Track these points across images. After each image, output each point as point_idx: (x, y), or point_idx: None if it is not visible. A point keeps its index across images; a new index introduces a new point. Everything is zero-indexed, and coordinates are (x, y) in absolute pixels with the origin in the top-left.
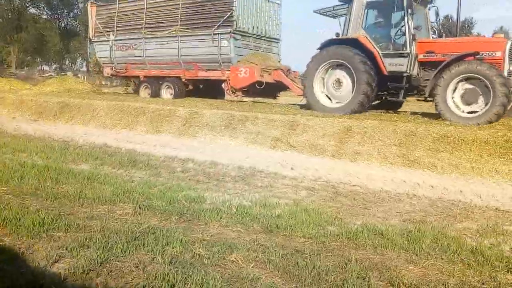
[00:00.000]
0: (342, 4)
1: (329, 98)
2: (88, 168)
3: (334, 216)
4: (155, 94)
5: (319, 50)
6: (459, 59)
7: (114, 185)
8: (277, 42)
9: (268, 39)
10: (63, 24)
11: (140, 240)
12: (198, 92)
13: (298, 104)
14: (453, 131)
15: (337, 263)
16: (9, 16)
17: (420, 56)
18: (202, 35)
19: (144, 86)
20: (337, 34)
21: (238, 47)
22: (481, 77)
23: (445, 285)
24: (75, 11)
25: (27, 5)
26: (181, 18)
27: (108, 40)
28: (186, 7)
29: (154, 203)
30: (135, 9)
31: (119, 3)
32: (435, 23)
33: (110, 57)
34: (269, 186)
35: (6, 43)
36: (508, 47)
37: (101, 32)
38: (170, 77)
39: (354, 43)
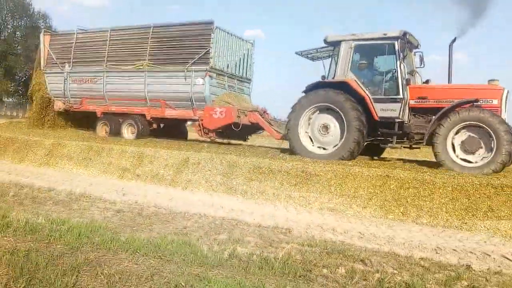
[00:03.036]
0: (327, 47)
1: (312, 142)
2: None
3: (110, 230)
4: (115, 132)
5: (304, 93)
6: (458, 106)
7: None
8: (249, 82)
9: (241, 79)
10: None
11: None
12: (157, 132)
13: (278, 148)
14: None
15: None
16: None
17: (412, 102)
18: (174, 72)
19: (102, 123)
20: (323, 77)
21: (213, 86)
22: (483, 125)
23: None
24: None
25: None
26: (149, 52)
27: (62, 72)
28: (156, 41)
29: None
30: (97, 40)
31: (77, 33)
32: (420, 68)
33: (64, 90)
34: (83, 208)
35: None
36: (504, 95)
37: (55, 63)
38: (133, 114)
39: (344, 87)
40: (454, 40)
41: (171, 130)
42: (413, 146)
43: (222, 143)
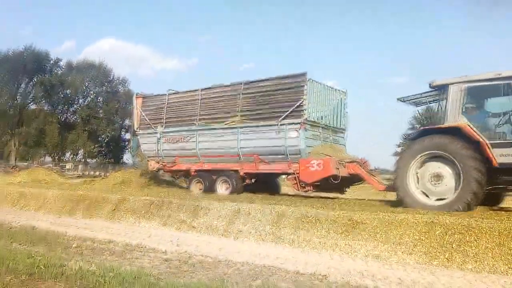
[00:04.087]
0: (431, 91)
1: (425, 194)
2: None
3: (153, 276)
4: (209, 189)
5: (410, 140)
6: None
7: None
8: (343, 132)
9: (336, 129)
10: (62, 118)
11: None
12: (250, 188)
13: (382, 200)
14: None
15: None
16: (11, 112)
17: None
18: (266, 126)
19: (196, 181)
20: (428, 124)
21: (308, 138)
22: None
23: None
24: (75, 106)
25: (29, 101)
26: (241, 108)
27: (155, 132)
28: (247, 97)
29: None
30: (188, 100)
31: (168, 95)
32: None
33: (157, 150)
34: (135, 258)
35: (7, 136)
36: None
37: (147, 124)
38: (226, 170)
39: (456, 132)
40: None
41: (263, 184)
42: None
43: (319, 197)
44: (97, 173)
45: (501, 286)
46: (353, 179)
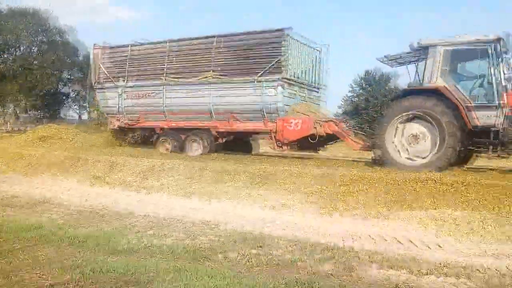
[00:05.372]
0: (412, 52)
1: (404, 153)
2: None
3: (50, 223)
4: (177, 148)
5: (392, 101)
6: None
7: None
8: (318, 91)
9: (313, 88)
10: None
11: None
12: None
13: (364, 160)
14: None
15: None
16: None
17: (507, 110)
18: (242, 83)
19: (162, 140)
20: (410, 84)
21: (286, 96)
22: None
23: None
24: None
25: None
26: (214, 63)
27: (116, 87)
28: (222, 51)
29: None
30: (154, 53)
31: (132, 46)
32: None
33: (118, 106)
34: (45, 210)
35: None
36: None
37: (107, 78)
38: (196, 129)
39: (435, 94)
40: None
41: (235, 144)
42: (501, 155)
43: (296, 156)
44: (28, 128)
45: (378, 228)
46: (329, 138)
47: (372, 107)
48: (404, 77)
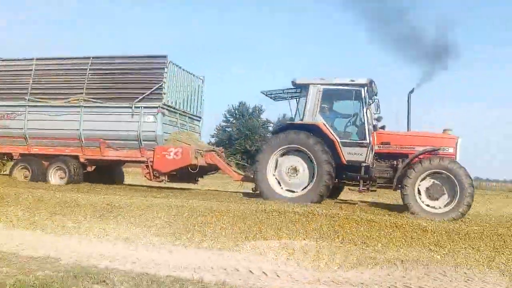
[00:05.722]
0: (294, 88)
1: (282, 185)
2: None
3: None
4: (38, 177)
5: (273, 134)
6: (422, 153)
7: None
8: (199, 120)
9: (192, 117)
10: None
11: None
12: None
13: (247, 192)
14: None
15: None
16: None
17: (375, 147)
18: (117, 108)
19: (20, 167)
20: (291, 119)
21: (165, 123)
22: (450, 175)
23: None
24: None
25: None
26: (88, 86)
27: None
28: (97, 74)
29: None
30: (18, 70)
31: None
32: (376, 114)
33: None
34: None
35: None
36: (458, 143)
37: None
38: (62, 156)
39: (313, 130)
40: (412, 90)
41: (105, 174)
42: (371, 189)
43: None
44: None
45: (223, 260)
46: (209, 169)
47: (245, 138)
48: (274, 110)
